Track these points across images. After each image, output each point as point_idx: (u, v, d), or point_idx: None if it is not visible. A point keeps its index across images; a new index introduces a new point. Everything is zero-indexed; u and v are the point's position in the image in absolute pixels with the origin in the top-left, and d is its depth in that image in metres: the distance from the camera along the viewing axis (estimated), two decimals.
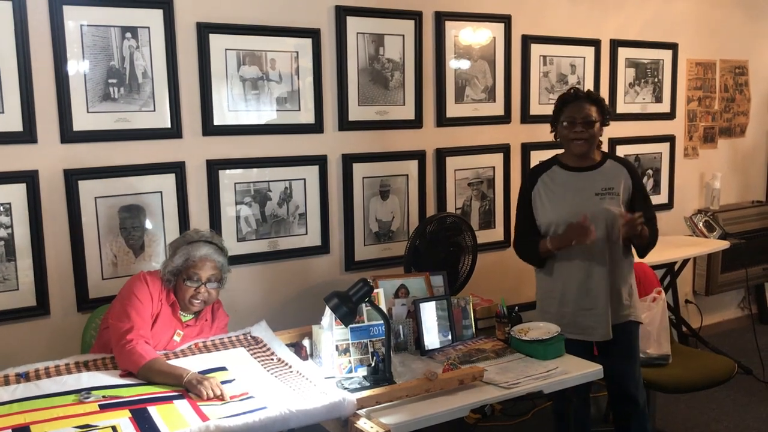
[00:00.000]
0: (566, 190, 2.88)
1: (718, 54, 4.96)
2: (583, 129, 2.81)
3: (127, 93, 2.90)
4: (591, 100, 2.85)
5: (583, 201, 2.83)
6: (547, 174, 2.94)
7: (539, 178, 2.94)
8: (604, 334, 2.85)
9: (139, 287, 2.49)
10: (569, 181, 2.89)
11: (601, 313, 2.84)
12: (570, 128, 2.83)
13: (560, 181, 2.90)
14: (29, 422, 1.98)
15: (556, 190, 2.89)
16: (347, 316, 2.41)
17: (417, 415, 2.20)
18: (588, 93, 2.90)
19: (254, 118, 3.20)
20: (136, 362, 2.31)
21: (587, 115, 2.81)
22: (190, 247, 2.55)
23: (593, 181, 2.86)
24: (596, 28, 4.27)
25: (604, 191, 2.84)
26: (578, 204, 2.83)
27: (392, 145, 3.60)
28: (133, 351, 2.33)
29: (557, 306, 2.92)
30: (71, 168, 2.83)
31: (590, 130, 2.81)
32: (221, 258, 2.60)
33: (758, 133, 5.31)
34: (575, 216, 2.80)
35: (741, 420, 3.83)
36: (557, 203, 2.88)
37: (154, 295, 2.51)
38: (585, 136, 2.81)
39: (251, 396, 2.20)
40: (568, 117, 2.84)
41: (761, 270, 5.11)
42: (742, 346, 4.70)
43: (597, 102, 2.86)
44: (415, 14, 3.57)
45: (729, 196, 5.12)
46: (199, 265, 2.53)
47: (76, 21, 2.77)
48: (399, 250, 3.49)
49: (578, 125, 2.81)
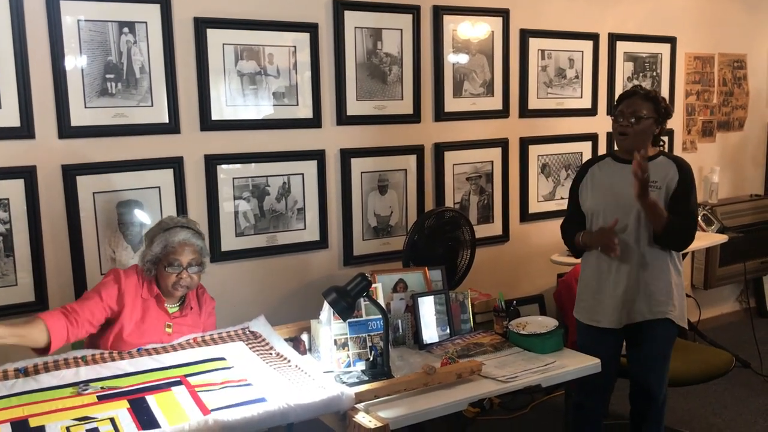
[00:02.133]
0: (611, 179, 2.87)
1: (716, 48, 4.96)
2: (629, 124, 2.78)
3: (124, 88, 2.90)
4: (646, 98, 2.81)
5: (623, 191, 2.77)
6: (598, 165, 2.95)
7: (590, 169, 2.96)
8: (613, 321, 2.82)
9: (105, 281, 2.50)
10: (615, 172, 2.87)
11: (627, 300, 2.80)
12: (619, 122, 2.82)
13: (608, 171, 2.90)
14: (27, 415, 1.98)
15: (602, 178, 2.90)
16: (345, 310, 2.42)
17: (415, 409, 2.21)
18: (646, 91, 2.85)
19: (252, 113, 3.20)
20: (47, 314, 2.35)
21: (636, 111, 2.78)
22: (167, 233, 2.54)
23: None
24: (594, 21, 4.27)
25: None
26: (617, 194, 2.81)
27: (390, 139, 3.60)
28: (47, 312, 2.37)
29: (591, 294, 2.91)
30: (69, 163, 2.83)
31: (636, 126, 2.78)
32: (200, 241, 2.59)
33: (756, 127, 5.31)
34: (613, 205, 2.80)
35: (739, 413, 3.84)
36: (599, 191, 2.88)
37: (128, 291, 2.50)
38: (629, 130, 2.79)
39: (249, 383, 2.21)
40: (620, 111, 2.83)
41: (759, 263, 5.11)
42: (740, 340, 4.71)
43: (653, 100, 2.81)
44: (413, 8, 3.56)
45: (727, 190, 5.12)
46: (179, 250, 2.52)
47: (73, 16, 2.77)
48: (397, 244, 3.49)
49: (626, 119, 2.80)
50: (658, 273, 2.82)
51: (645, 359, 2.90)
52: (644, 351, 2.89)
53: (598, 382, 2.78)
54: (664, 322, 2.84)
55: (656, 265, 2.81)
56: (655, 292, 2.81)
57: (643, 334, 2.85)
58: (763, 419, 3.77)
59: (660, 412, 2.96)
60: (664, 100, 2.88)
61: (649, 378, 2.91)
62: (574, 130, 4.25)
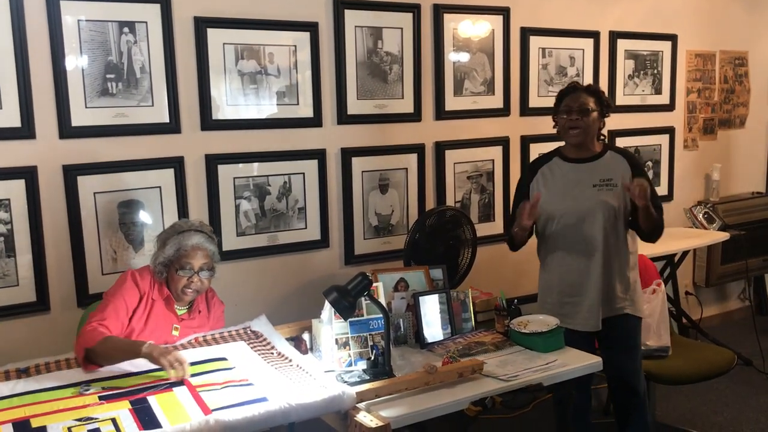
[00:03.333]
0: (564, 181, 2.89)
1: (717, 45, 4.95)
2: (579, 117, 2.82)
3: (125, 88, 2.90)
4: (589, 92, 2.88)
5: (581, 192, 2.84)
6: (547, 166, 2.95)
7: (539, 170, 2.96)
8: (593, 325, 2.86)
9: (127, 287, 2.49)
10: (568, 173, 2.89)
11: (591, 304, 2.85)
12: (566, 117, 2.85)
13: (559, 172, 2.91)
14: (29, 416, 1.98)
15: (554, 181, 2.91)
16: (346, 310, 2.42)
17: (416, 408, 2.20)
18: (587, 85, 2.93)
19: (253, 112, 3.20)
20: (94, 338, 2.30)
21: (583, 104, 2.83)
22: (180, 236, 2.55)
23: (592, 173, 2.86)
24: (595, 19, 4.26)
25: (602, 182, 2.84)
26: (575, 196, 2.84)
27: (391, 138, 3.59)
28: (95, 331, 2.33)
29: (556, 297, 2.94)
30: (70, 163, 2.83)
31: (585, 119, 2.82)
32: (212, 246, 2.60)
33: (758, 125, 5.30)
34: (572, 207, 2.82)
35: (741, 411, 3.84)
36: (554, 195, 2.89)
37: (144, 292, 2.51)
38: (580, 124, 2.83)
39: (251, 383, 2.21)
40: (565, 106, 2.87)
41: (761, 261, 5.11)
42: (742, 338, 4.70)
43: (595, 93, 2.88)
44: (414, 7, 3.56)
45: (729, 188, 5.11)
46: (191, 254, 2.53)
47: (74, 16, 2.77)
48: (398, 243, 3.49)
49: (574, 113, 2.83)
50: (623, 269, 2.89)
51: (618, 356, 2.92)
52: (616, 348, 2.93)
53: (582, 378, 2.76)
54: (624, 317, 2.90)
55: (619, 262, 2.87)
56: (617, 289, 2.88)
57: (611, 333, 2.89)
58: (765, 417, 3.77)
59: (643, 402, 3.00)
60: (604, 93, 2.94)
61: (626, 374, 2.96)
62: None
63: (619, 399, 3.05)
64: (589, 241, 2.83)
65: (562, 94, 2.93)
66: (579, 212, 2.83)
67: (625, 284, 2.90)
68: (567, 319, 2.85)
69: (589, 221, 2.82)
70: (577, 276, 2.87)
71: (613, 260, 2.86)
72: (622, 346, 2.94)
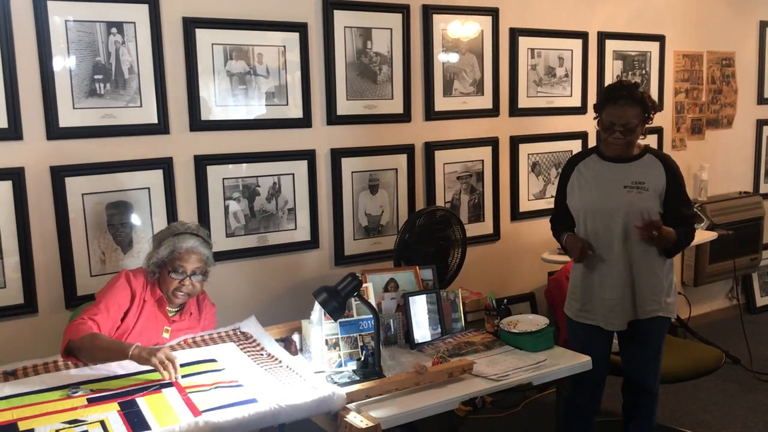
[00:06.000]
0: (597, 179, 2.87)
1: (705, 46, 4.98)
2: (622, 136, 2.76)
3: (113, 89, 2.89)
4: (634, 100, 2.72)
5: (610, 192, 2.81)
6: (584, 162, 2.93)
7: (576, 166, 2.95)
8: (618, 325, 2.84)
9: (119, 285, 2.48)
10: (602, 171, 2.87)
11: (615, 304, 2.82)
12: (609, 131, 2.78)
13: (594, 170, 2.89)
14: (17, 419, 1.97)
15: (588, 178, 2.89)
16: (336, 310, 2.42)
17: (407, 409, 2.21)
18: (633, 93, 2.73)
19: (242, 113, 3.19)
20: (80, 332, 2.27)
21: (628, 123, 2.73)
22: (175, 239, 2.54)
23: (625, 174, 2.82)
24: (583, 20, 4.28)
25: (633, 185, 2.78)
26: (604, 195, 2.82)
27: (381, 139, 3.59)
28: (84, 324, 2.31)
29: (580, 292, 2.93)
30: (58, 165, 2.81)
31: (629, 137, 2.76)
32: (207, 250, 2.59)
33: (745, 125, 5.34)
34: (599, 206, 2.83)
35: (729, 409, 3.86)
36: (586, 192, 2.88)
37: (137, 293, 2.49)
38: (621, 142, 2.77)
39: (240, 384, 2.20)
40: (609, 119, 2.76)
41: (749, 260, 5.14)
42: (730, 337, 4.73)
43: (641, 102, 2.74)
44: (403, 7, 3.56)
45: (717, 188, 5.14)
46: (185, 257, 2.52)
47: (61, 16, 2.75)
48: (389, 244, 3.49)
49: (617, 131, 2.75)
50: (649, 271, 2.83)
51: (639, 357, 2.92)
52: (638, 349, 2.91)
53: (590, 379, 2.79)
54: (655, 320, 2.85)
55: (647, 264, 2.82)
56: (647, 292, 2.83)
57: (635, 333, 2.86)
58: (753, 415, 3.79)
59: (653, 403, 2.98)
60: (650, 97, 2.82)
61: (643, 373, 2.94)
62: (563, 128, 4.27)
63: (630, 396, 3.02)
64: (611, 239, 2.80)
65: (607, 97, 2.78)
66: (604, 211, 2.81)
67: (658, 287, 2.83)
68: (590, 315, 2.88)
69: (614, 221, 2.78)
70: (598, 273, 2.86)
71: (639, 261, 2.80)
72: (646, 347, 2.91)
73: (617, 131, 2.75)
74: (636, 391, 2.98)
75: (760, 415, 3.78)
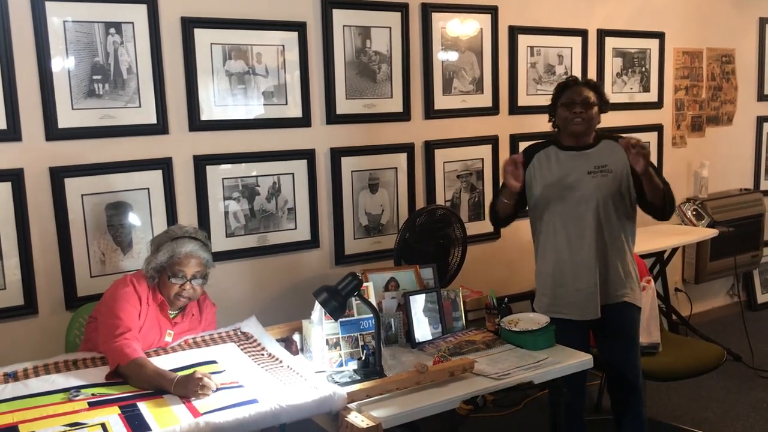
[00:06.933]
0: (559, 168, 2.89)
1: (704, 43, 4.97)
2: (582, 110, 2.82)
3: (112, 89, 2.88)
4: (589, 86, 2.90)
5: (576, 179, 2.84)
6: (543, 152, 2.95)
7: (535, 156, 2.95)
8: (592, 313, 2.85)
9: (129, 291, 2.46)
10: (563, 160, 2.90)
11: (588, 290, 2.84)
12: (569, 108, 2.84)
13: (554, 159, 2.91)
14: (17, 422, 1.97)
15: (550, 168, 2.90)
16: (337, 310, 2.41)
17: (408, 408, 2.20)
18: (586, 80, 2.96)
19: (241, 112, 3.18)
20: (127, 355, 2.26)
21: (586, 97, 2.83)
22: (174, 243, 2.53)
23: (586, 160, 2.87)
24: (583, 17, 4.27)
25: (596, 169, 2.84)
26: (570, 183, 2.84)
27: (380, 138, 3.59)
28: (127, 345, 2.29)
29: (551, 285, 2.93)
30: (57, 165, 2.81)
31: (589, 111, 2.83)
32: (206, 254, 2.58)
33: (745, 122, 5.33)
34: (566, 194, 2.83)
35: (730, 407, 3.86)
36: (549, 180, 2.89)
37: (143, 297, 2.49)
38: (584, 116, 2.83)
39: (241, 385, 2.20)
40: (567, 99, 2.86)
41: (750, 257, 5.14)
42: (732, 334, 4.73)
43: (595, 88, 2.90)
44: (402, 6, 3.56)
45: (717, 185, 5.14)
46: (185, 262, 2.51)
47: (59, 17, 2.75)
48: (389, 243, 3.49)
49: (577, 105, 2.83)
50: (621, 256, 2.88)
51: (615, 348, 2.94)
52: (613, 341, 2.94)
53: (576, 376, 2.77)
54: (624, 306, 2.89)
55: (615, 250, 2.87)
56: (615, 277, 2.87)
57: (606, 322, 2.89)
58: (755, 412, 3.79)
59: (640, 398, 3.00)
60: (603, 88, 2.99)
61: (625, 368, 2.95)
62: None
63: (615, 393, 3.04)
64: (584, 227, 2.82)
65: (561, 88, 2.92)
66: (573, 198, 2.83)
67: (625, 271, 2.89)
68: (562, 309, 2.87)
69: (583, 207, 2.82)
70: (571, 263, 2.86)
71: (609, 247, 2.85)
72: (621, 337, 2.93)
73: (577, 104, 2.82)
74: (621, 390, 3.00)
75: (761, 413, 3.78)
